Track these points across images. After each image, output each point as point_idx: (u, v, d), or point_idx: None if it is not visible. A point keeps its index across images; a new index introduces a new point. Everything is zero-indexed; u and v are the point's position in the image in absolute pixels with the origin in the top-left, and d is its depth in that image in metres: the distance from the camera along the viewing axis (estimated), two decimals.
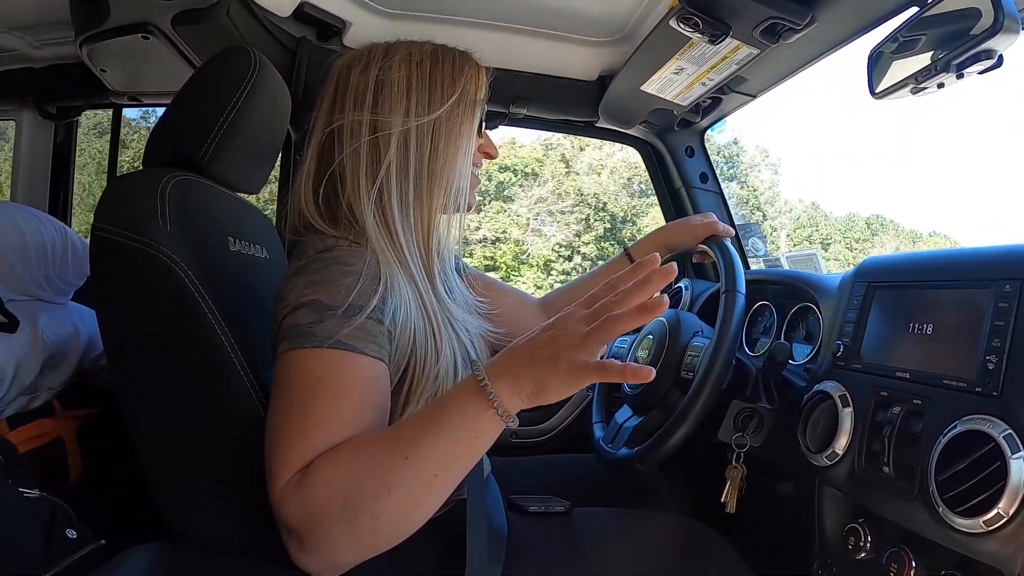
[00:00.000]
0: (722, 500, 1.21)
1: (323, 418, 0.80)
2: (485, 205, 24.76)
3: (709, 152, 2.16)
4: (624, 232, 25.77)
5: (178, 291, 0.92)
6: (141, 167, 1.13)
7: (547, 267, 25.58)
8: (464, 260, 1.36)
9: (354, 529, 0.76)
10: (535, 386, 0.76)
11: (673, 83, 1.67)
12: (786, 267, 1.93)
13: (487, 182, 24.10)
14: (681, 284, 1.79)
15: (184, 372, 0.95)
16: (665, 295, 0.73)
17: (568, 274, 24.64)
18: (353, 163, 0.99)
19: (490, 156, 1.13)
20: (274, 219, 1.54)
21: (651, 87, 1.71)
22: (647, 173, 2.26)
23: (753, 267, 2.05)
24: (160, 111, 1.19)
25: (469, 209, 1.11)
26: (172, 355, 0.95)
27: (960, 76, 1.13)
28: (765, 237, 2.05)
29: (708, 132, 2.12)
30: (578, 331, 0.75)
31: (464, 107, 1.03)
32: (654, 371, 0.72)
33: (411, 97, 1.00)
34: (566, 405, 1.98)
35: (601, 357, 0.74)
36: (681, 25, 1.35)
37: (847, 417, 1.07)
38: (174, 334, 0.94)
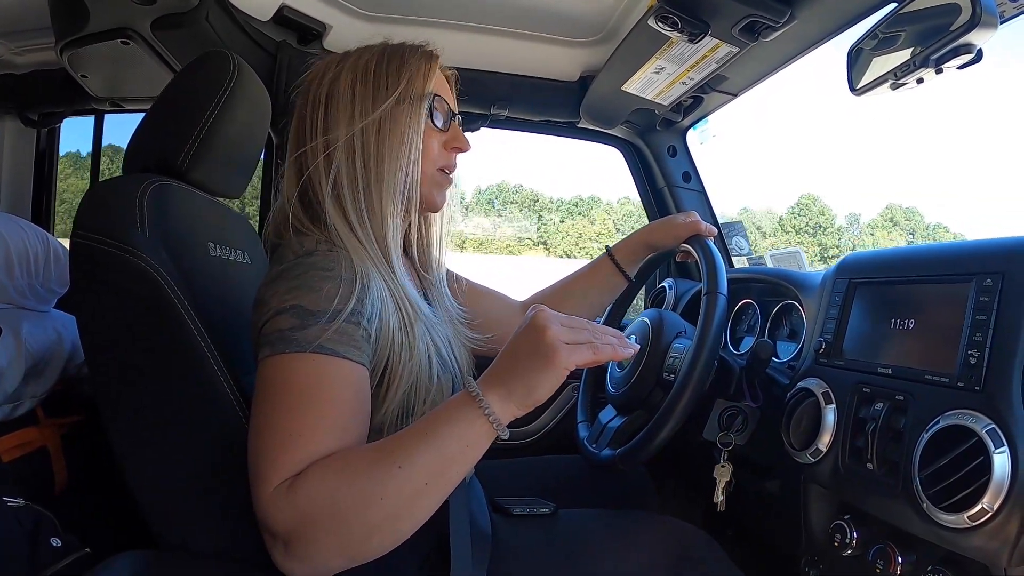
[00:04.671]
0: (715, 500, 1.22)
1: (310, 424, 0.80)
2: None
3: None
4: None
5: (157, 297, 0.92)
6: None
7: None
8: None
9: (343, 537, 0.76)
10: (525, 387, 0.79)
11: (654, 82, 1.68)
12: (770, 265, 1.92)
13: None
14: (665, 283, 1.79)
15: (164, 378, 0.94)
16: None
17: None
18: (315, 171, 1.00)
19: (460, 149, 1.11)
20: (256, 224, 1.53)
21: (632, 87, 1.72)
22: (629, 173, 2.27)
23: (737, 265, 2.05)
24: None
25: (434, 209, 1.11)
26: (152, 361, 0.94)
27: (939, 71, 1.13)
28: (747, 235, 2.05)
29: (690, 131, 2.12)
30: (549, 318, 0.80)
31: (410, 100, 1.02)
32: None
33: (355, 102, 1.00)
34: (551, 407, 1.97)
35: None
36: (660, 24, 1.35)
37: (830, 414, 1.08)
38: (153, 340, 0.94)
